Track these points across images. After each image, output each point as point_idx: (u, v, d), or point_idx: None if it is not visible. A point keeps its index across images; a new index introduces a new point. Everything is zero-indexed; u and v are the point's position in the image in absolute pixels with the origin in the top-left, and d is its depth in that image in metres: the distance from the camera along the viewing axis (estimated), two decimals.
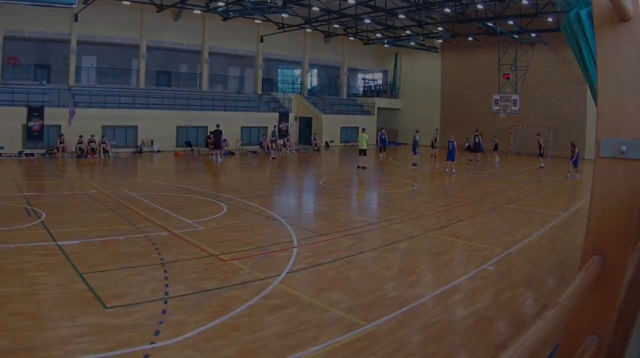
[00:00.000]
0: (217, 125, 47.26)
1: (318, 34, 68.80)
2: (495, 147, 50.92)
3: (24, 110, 44.61)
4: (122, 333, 9.98)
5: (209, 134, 51.14)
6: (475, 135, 45.70)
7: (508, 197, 29.48)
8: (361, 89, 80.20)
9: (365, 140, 43.37)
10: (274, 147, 50.87)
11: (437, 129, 52.07)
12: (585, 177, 39.43)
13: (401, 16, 53.40)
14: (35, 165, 38.76)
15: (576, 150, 36.97)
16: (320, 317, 11.25)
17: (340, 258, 15.93)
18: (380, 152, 50.19)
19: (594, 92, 6.57)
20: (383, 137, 50.40)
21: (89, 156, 44.58)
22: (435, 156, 45.21)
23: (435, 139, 49.68)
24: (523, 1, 46.71)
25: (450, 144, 37.01)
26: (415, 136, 45.42)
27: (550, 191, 32.46)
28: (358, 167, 41.54)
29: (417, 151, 43.24)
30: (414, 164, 41.57)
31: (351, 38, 71.08)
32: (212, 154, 47.61)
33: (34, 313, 10.78)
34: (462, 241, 18.67)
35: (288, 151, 55.89)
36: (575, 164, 37.15)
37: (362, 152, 42.84)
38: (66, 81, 51.57)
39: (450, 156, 37.53)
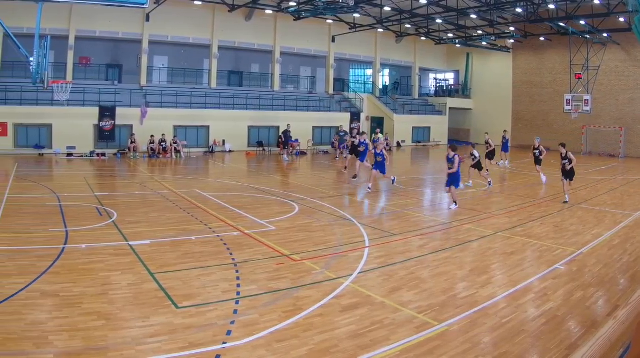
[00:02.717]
0: (288, 125, 47.40)
1: (390, 34, 68.81)
2: (489, 155, 38.31)
3: (95, 110, 45.38)
4: (194, 333, 10.03)
5: (280, 134, 51.18)
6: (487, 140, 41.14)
7: (580, 197, 29.12)
8: (433, 88, 79.91)
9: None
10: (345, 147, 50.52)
11: (361, 131, 47.86)
12: None
13: (473, 16, 53.05)
14: (106, 165, 39.18)
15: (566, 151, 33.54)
16: (391, 317, 11.22)
17: (411, 259, 15.91)
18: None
19: None
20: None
21: (161, 156, 44.97)
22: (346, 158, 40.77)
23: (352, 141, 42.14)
24: (595, 1, 46.06)
25: (363, 144, 33.17)
26: (374, 138, 42.64)
27: (622, 191, 31.82)
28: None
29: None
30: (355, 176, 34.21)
31: (423, 38, 70.98)
32: (282, 154, 47.73)
33: (106, 313, 10.85)
34: (534, 241, 18.58)
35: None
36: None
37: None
38: (138, 81, 52.45)
39: (360, 157, 33.44)
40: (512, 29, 60.85)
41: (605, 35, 55.20)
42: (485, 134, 39.45)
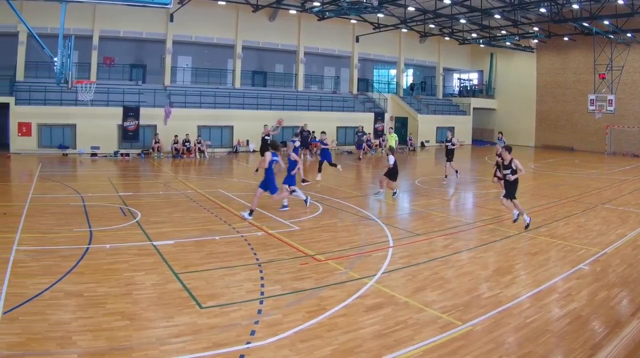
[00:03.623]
0: (305, 125, 47.31)
1: (413, 34, 68.68)
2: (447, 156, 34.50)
3: (119, 110, 45.66)
4: (218, 333, 10.06)
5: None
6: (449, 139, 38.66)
7: (603, 197, 29.08)
8: (457, 88, 79.59)
9: (395, 141, 42.83)
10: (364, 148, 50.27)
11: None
12: None
13: (497, 16, 52.84)
14: (130, 165, 39.28)
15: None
16: (415, 317, 11.23)
17: (435, 259, 15.91)
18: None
19: None
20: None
21: (185, 156, 45.03)
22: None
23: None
24: (618, 1, 45.79)
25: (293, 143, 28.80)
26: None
27: None
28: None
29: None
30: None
31: (447, 38, 70.69)
32: (304, 154, 47.61)
33: (130, 313, 10.89)
34: (558, 241, 18.51)
35: (383, 151, 55.28)
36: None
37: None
38: (162, 81, 52.74)
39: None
40: (536, 29, 60.60)
41: (629, 35, 54.94)
42: (447, 132, 38.39)
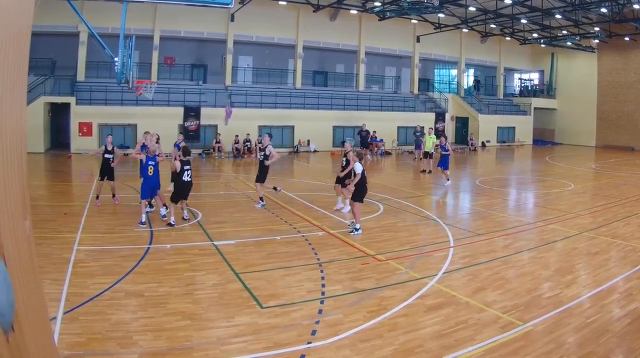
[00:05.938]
0: (363, 125, 47.33)
1: (474, 34, 68.19)
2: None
3: (180, 110, 46.07)
4: (279, 333, 10.08)
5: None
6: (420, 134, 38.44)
7: None
8: (517, 88, 78.87)
9: (433, 143, 38.89)
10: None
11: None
12: None
13: (557, 16, 52.43)
14: (191, 166, 39.30)
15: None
16: (476, 317, 11.23)
17: (496, 259, 15.86)
18: None
19: None
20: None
21: (245, 156, 45.22)
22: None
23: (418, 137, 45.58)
24: None
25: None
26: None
27: None
28: (423, 171, 37.06)
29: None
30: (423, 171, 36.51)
31: (507, 38, 70.12)
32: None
33: (190, 313, 10.98)
34: (619, 241, 18.33)
35: (419, 154, 55.08)
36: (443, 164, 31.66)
37: (428, 155, 37.67)
38: (222, 81, 53.04)
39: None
40: (597, 29, 59.98)
41: None
42: (344, 142, 33.29)
